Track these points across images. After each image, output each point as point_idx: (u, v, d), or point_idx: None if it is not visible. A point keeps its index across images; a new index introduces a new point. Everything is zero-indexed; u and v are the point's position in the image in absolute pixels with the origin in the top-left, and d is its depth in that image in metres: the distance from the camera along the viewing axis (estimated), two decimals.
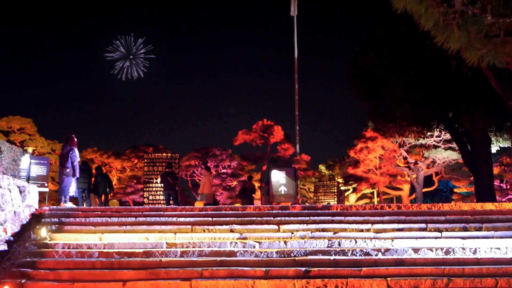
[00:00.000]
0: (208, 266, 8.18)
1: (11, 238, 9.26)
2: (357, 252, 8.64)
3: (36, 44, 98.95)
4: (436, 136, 23.69)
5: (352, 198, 36.40)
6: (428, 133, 20.67)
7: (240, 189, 21.79)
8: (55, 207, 11.57)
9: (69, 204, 12.59)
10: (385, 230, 9.68)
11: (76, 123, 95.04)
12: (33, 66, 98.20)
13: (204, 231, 9.71)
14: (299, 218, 10.31)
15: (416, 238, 9.23)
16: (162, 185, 17.93)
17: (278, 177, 18.48)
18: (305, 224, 9.95)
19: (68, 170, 12.58)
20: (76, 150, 12.85)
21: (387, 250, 8.68)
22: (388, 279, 7.69)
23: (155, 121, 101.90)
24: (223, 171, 33.18)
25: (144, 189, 20.27)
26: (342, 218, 10.29)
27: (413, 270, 7.94)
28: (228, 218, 10.30)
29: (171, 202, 17.11)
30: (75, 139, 12.95)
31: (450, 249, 8.63)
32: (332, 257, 8.46)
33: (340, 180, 34.92)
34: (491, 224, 9.79)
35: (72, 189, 12.82)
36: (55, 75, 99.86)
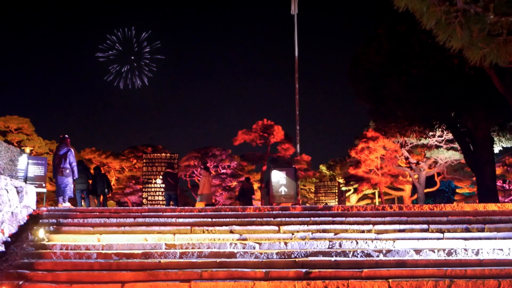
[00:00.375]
0: (208, 268, 8.10)
1: (9, 239, 9.19)
2: (358, 253, 8.56)
3: (34, 43, 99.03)
4: (438, 136, 23.60)
5: (353, 199, 36.33)
6: (430, 133, 20.60)
7: (238, 191, 21.67)
8: (53, 207, 11.50)
9: (67, 204, 12.56)
10: (386, 231, 9.60)
11: (74, 123, 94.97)
12: (31, 65, 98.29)
13: (203, 232, 9.63)
14: (300, 219, 10.22)
15: (418, 239, 9.15)
16: (164, 185, 17.83)
17: (278, 178, 18.40)
18: (305, 225, 9.87)
19: (68, 171, 12.61)
20: (72, 150, 12.87)
21: (388, 251, 8.60)
22: (390, 280, 7.60)
23: (154, 121, 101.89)
24: (222, 171, 33.09)
25: (143, 189, 20.17)
26: (343, 219, 10.21)
27: (415, 272, 7.85)
28: (227, 219, 10.22)
29: (171, 202, 17.02)
30: (68, 139, 12.98)
31: (452, 250, 8.55)
32: (333, 258, 8.38)
33: (341, 181, 34.84)
34: (493, 225, 9.71)
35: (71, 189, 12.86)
36: (53, 74, 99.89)
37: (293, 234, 9.49)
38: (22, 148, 16.19)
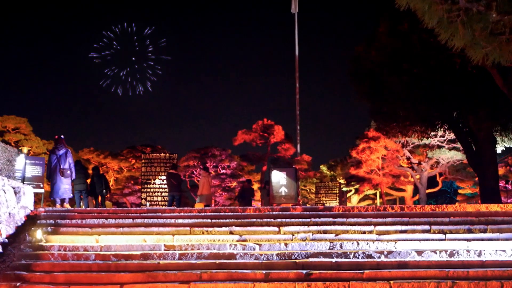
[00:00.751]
0: (207, 269, 8.04)
1: (6, 240, 9.13)
2: (359, 255, 8.48)
3: (32, 43, 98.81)
4: (440, 136, 23.49)
5: (354, 199, 36.22)
6: (432, 133, 20.47)
7: (238, 192, 21.60)
8: (50, 208, 11.46)
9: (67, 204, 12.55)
10: (388, 232, 9.52)
11: (72, 123, 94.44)
12: (28, 65, 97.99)
13: (203, 233, 9.56)
14: (300, 219, 10.15)
15: (420, 240, 9.08)
16: (167, 186, 17.73)
17: (278, 178, 18.28)
18: (306, 226, 9.80)
19: (68, 171, 12.61)
20: (70, 151, 12.88)
21: (390, 252, 8.53)
22: (391, 282, 7.53)
23: (153, 121, 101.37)
24: (222, 171, 32.95)
25: (142, 190, 20.08)
26: (344, 219, 10.13)
27: (417, 273, 7.79)
28: (227, 220, 10.15)
29: (174, 203, 16.92)
30: (64, 140, 13.01)
31: (454, 251, 8.48)
32: (333, 260, 8.31)
33: (342, 181, 34.74)
34: (496, 225, 9.64)
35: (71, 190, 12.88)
36: (51, 73, 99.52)
37: (293, 235, 9.42)
38: (20, 148, 16.13)
